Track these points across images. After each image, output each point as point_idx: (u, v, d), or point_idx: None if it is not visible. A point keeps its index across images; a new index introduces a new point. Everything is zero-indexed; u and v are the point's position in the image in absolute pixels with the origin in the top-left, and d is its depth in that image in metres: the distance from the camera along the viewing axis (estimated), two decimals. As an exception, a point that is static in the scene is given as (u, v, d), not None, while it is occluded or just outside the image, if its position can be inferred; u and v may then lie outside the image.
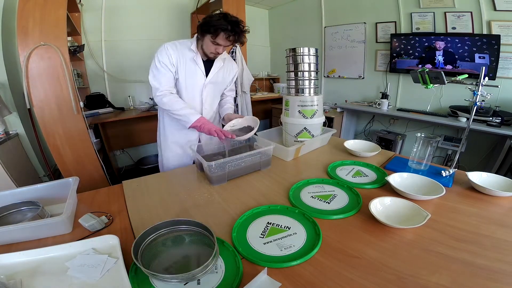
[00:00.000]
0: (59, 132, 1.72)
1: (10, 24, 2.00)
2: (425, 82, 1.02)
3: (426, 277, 0.57)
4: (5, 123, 1.95)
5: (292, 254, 0.65)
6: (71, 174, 1.80)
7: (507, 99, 2.33)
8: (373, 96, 3.36)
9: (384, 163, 1.24)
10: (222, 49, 1.20)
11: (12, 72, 2.05)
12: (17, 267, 0.60)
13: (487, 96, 0.92)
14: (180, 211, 0.87)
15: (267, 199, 0.94)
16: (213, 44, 1.16)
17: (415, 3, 2.74)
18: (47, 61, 1.61)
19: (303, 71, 1.38)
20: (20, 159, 2.00)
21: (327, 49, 3.76)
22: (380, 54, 3.19)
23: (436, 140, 1.06)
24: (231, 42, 1.18)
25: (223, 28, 1.10)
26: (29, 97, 1.61)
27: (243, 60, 2.85)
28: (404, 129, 3.18)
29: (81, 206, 0.92)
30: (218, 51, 1.20)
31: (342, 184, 1.02)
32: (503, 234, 0.70)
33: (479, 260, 0.61)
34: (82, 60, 2.79)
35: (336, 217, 0.81)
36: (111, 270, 0.60)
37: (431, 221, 0.75)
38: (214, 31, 1.11)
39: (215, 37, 1.13)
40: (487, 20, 2.34)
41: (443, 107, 2.73)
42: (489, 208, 0.84)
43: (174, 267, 0.61)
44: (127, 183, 1.09)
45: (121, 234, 0.73)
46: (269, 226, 0.77)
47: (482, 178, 0.99)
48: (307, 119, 1.40)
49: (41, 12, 1.55)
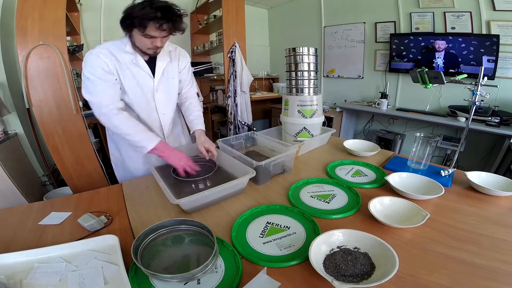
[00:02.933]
0: (58, 132, 1.72)
1: (9, 24, 2.00)
2: (424, 82, 1.02)
3: (425, 277, 0.57)
4: (4, 123, 1.94)
5: (292, 254, 0.65)
6: (70, 174, 1.81)
7: (506, 99, 2.34)
8: (372, 95, 3.36)
9: (383, 162, 1.24)
10: (159, 41, 0.97)
11: (11, 72, 2.04)
12: (17, 267, 0.60)
13: (486, 96, 0.92)
14: (179, 211, 0.87)
15: (266, 199, 0.94)
16: (146, 37, 0.94)
17: (415, 3, 2.74)
18: (46, 61, 1.61)
19: (303, 70, 1.38)
20: (19, 159, 2.00)
21: (326, 49, 3.76)
22: (379, 54, 3.20)
23: (435, 140, 1.07)
24: (168, 32, 0.95)
25: (151, 17, 0.88)
26: (28, 97, 1.60)
27: (243, 59, 2.85)
28: (403, 129, 3.18)
29: (80, 206, 0.91)
30: (156, 44, 0.97)
31: (341, 183, 1.02)
32: (502, 234, 0.70)
33: (478, 259, 0.61)
34: (81, 59, 2.78)
35: (336, 216, 0.81)
36: (111, 270, 0.60)
37: (430, 221, 0.75)
38: (140, 23, 0.89)
39: (144, 30, 0.91)
40: (487, 20, 2.34)
41: (442, 107, 2.73)
42: (488, 208, 0.84)
43: (174, 267, 0.61)
44: (127, 183, 1.09)
45: (120, 234, 0.73)
46: (268, 225, 0.77)
47: (481, 177, 0.99)
48: (306, 119, 1.40)
49: (40, 11, 1.55)
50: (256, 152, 1.38)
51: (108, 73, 1.00)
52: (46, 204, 0.93)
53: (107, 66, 0.99)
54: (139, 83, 1.09)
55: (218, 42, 3.06)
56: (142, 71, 1.08)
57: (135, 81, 1.08)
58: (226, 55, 2.79)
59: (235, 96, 2.88)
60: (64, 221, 0.82)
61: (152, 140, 1.01)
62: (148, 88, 1.12)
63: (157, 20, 0.89)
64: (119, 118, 1.00)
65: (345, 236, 0.66)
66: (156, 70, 1.11)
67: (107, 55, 0.99)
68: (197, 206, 0.86)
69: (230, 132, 3.00)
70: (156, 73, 1.11)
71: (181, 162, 1.02)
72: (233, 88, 2.85)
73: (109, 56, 1.00)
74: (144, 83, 1.10)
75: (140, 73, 1.08)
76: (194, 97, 1.32)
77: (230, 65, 2.82)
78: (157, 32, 0.93)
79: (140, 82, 1.09)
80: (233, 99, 2.89)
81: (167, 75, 1.16)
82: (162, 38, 0.98)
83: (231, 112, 2.93)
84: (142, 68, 1.07)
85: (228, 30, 2.74)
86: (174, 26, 0.94)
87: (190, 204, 0.83)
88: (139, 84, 1.09)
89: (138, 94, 1.10)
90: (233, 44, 2.78)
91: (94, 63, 0.97)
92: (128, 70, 1.05)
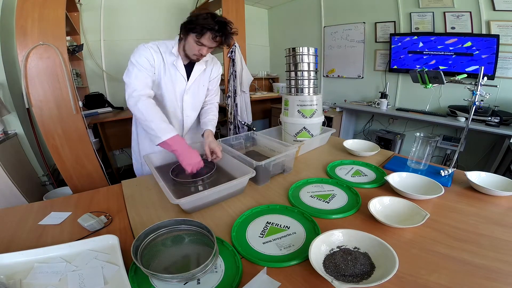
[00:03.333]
0: (58, 131, 1.71)
1: (8, 24, 1.99)
2: (424, 82, 1.02)
3: (425, 277, 0.57)
4: (3, 123, 1.94)
5: (292, 254, 0.65)
6: (70, 174, 1.81)
7: (506, 99, 2.34)
8: (372, 95, 3.36)
9: (383, 162, 1.25)
10: (206, 50, 1.09)
11: (10, 72, 2.04)
12: (16, 267, 0.60)
13: (486, 96, 0.92)
14: (179, 211, 0.87)
15: (266, 199, 0.94)
16: (197, 44, 1.06)
17: (415, 3, 2.74)
18: (46, 61, 1.60)
19: (303, 70, 1.38)
20: (19, 159, 2.00)
21: (326, 49, 3.76)
22: (379, 54, 3.20)
23: (435, 140, 1.07)
24: (217, 44, 1.07)
25: (210, 28, 1.00)
26: (28, 96, 1.60)
27: (243, 59, 2.85)
28: (403, 129, 3.18)
29: (80, 206, 0.91)
30: (202, 52, 1.09)
31: (341, 183, 1.02)
32: (502, 234, 0.70)
33: (477, 259, 0.61)
34: (81, 59, 2.79)
35: (335, 216, 0.81)
36: (111, 270, 0.60)
37: (430, 221, 0.75)
38: (200, 30, 1.01)
39: (200, 37, 1.03)
40: (486, 20, 2.35)
41: (442, 106, 2.73)
42: (487, 208, 0.84)
43: (174, 267, 0.61)
44: (126, 183, 1.09)
45: (120, 234, 0.73)
46: (268, 225, 0.77)
47: (481, 177, 0.99)
48: (306, 119, 1.40)
49: (40, 11, 1.55)
50: (256, 152, 1.38)
51: (150, 65, 1.10)
52: (46, 204, 0.93)
53: (152, 59, 1.10)
54: (173, 82, 1.19)
55: (218, 42, 3.06)
56: (179, 73, 1.19)
57: (170, 80, 1.18)
58: (226, 55, 2.78)
59: (235, 96, 2.87)
60: (64, 221, 0.82)
61: (169, 132, 1.03)
62: (179, 89, 1.22)
63: (214, 31, 1.02)
64: (145, 103, 1.07)
65: (345, 236, 0.66)
66: (192, 75, 1.22)
67: (156, 51, 1.12)
68: (197, 206, 0.86)
69: (230, 132, 3.00)
70: (190, 77, 1.22)
71: (191, 161, 1.02)
72: (233, 88, 2.85)
73: (157, 52, 1.12)
74: (177, 84, 1.20)
75: (176, 74, 1.18)
76: (214, 104, 1.41)
77: (230, 65, 2.82)
78: (210, 42, 1.05)
79: (174, 81, 1.19)
80: (233, 99, 2.89)
81: (198, 81, 1.27)
82: (209, 48, 1.10)
83: (231, 112, 2.93)
84: (179, 70, 1.18)
85: (228, 30, 2.74)
86: (225, 40, 1.07)
87: (190, 204, 0.83)
88: (173, 83, 1.19)
89: (169, 91, 1.21)
90: (233, 44, 2.78)
91: (142, 52, 1.09)
92: (168, 70, 1.16)
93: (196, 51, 1.08)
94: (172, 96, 1.22)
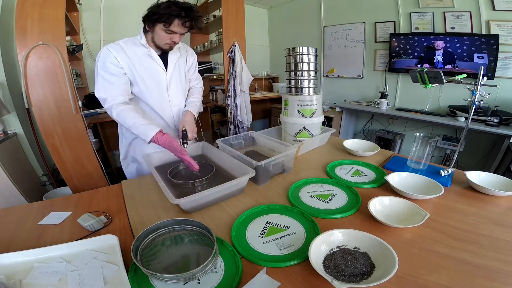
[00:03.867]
0: (57, 131, 1.71)
1: (8, 24, 1.99)
2: (424, 82, 1.02)
3: (425, 277, 0.57)
4: (3, 122, 1.94)
5: (291, 254, 0.65)
6: (70, 174, 1.81)
7: (506, 99, 2.34)
8: (372, 95, 3.36)
9: (383, 162, 1.25)
10: (178, 37, 1.09)
11: (10, 72, 2.04)
12: (16, 267, 0.60)
13: (486, 96, 0.92)
14: (179, 211, 0.87)
15: (266, 199, 0.94)
16: (168, 33, 1.05)
17: (414, 3, 2.74)
18: (45, 61, 1.60)
19: (302, 70, 1.38)
20: (18, 159, 2.00)
21: (326, 49, 3.76)
22: (379, 54, 3.20)
23: (434, 140, 1.07)
24: (187, 29, 1.07)
25: (177, 15, 1.00)
26: (28, 96, 1.60)
27: (242, 59, 2.85)
28: (403, 129, 3.18)
29: (80, 206, 0.91)
30: (175, 40, 1.09)
31: (341, 183, 1.02)
32: (502, 234, 0.70)
33: (477, 259, 0.61)
34: (80, 59, 2.79)
35: (335, 216, 0.81)
36: (111, 270, 0.60)
37: (430, 221, 0.75)
38: (167, 18, 1.01)
39: (169, 25, 1.03)
40: (486, 20, 2.35)
41: (442, 106, 2.73)
42: (487, 208, 0.84)
43: (173, 267, 0.61)
44: (126, 183, 1.09)
45: (120, 234, 0.73)
46: (268, 225, 0.77)
47: (481, 177, 0.99)
48: (306, 119, 1.40)
49: (39, 11, 1.55)
50: (256, 152, 1.38)
51: (116, 67, 1.07)
52: (46, 204, 0.93)
53: (116, 60, 1.07)
54: (153, 76, 1.16)
55: (218, 42, 3.06)
56: (155, 63, 1.16)
57: (149, 74, 1.15)
58: (226, 55, 2.78)
59: (234, 96, 2.87)
60: (64, 221, 0.82)
61: (151, 130, 1.04)
62: (162, 82, 1.20)
63: (181, 17, 1.01)
64: (119, 111, 1.07)
65: (344, 236, 0.66)
66: (169, 63, 1.20)
67: (118, 50, 1.08)
68: (197, 206, 0.86)
69: (229, 132, 3.01)
70: (168, 66, 1.20)
71: (175, 150, 1.03)
72: (233, 88, 2.85)
73: (120, 51, 1.08)
74: (158, 76, 1.18)
75: (153, 65, 1.16)
76: (197, 88, 1.41)
77: (229, 65, 2.82)
78: (180, 28, 1.05)
79: (154, 74, 1.17)
80: (233, 99, 2.89)
81: (178, 69, 1.25)
82: (181, 35, 1.09)
83: (230, 112, 2.93)
84: (155, 60, 1.15)
85: (227, 30, 2.74)
86: (195, 24, 1.06)
87: (190, 204, 0.83)
88: (153, 76, 1.16)
89: (152, 88, 1.18)
90: (232, 44, 2.78)
91: (105, 59, 1.06)
92: (141, 63, 1.13)
93: (168, 39, 1.08)
94: (155, 91, 1.19)
